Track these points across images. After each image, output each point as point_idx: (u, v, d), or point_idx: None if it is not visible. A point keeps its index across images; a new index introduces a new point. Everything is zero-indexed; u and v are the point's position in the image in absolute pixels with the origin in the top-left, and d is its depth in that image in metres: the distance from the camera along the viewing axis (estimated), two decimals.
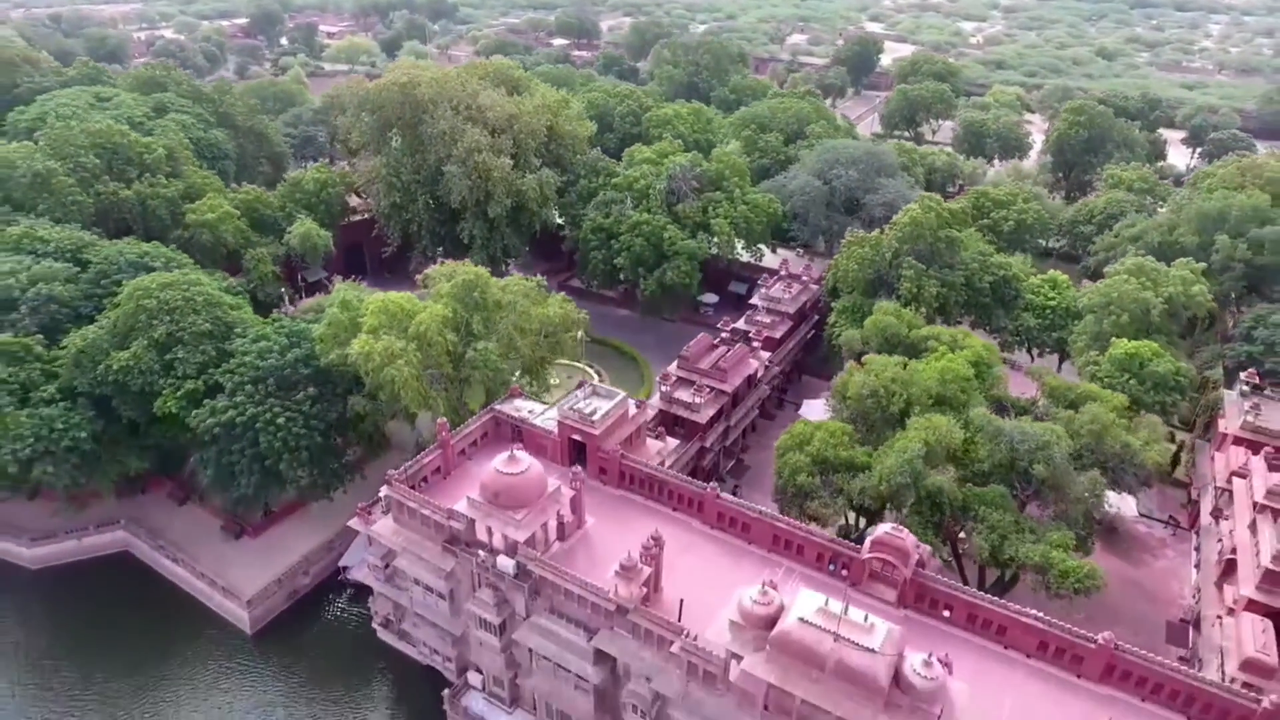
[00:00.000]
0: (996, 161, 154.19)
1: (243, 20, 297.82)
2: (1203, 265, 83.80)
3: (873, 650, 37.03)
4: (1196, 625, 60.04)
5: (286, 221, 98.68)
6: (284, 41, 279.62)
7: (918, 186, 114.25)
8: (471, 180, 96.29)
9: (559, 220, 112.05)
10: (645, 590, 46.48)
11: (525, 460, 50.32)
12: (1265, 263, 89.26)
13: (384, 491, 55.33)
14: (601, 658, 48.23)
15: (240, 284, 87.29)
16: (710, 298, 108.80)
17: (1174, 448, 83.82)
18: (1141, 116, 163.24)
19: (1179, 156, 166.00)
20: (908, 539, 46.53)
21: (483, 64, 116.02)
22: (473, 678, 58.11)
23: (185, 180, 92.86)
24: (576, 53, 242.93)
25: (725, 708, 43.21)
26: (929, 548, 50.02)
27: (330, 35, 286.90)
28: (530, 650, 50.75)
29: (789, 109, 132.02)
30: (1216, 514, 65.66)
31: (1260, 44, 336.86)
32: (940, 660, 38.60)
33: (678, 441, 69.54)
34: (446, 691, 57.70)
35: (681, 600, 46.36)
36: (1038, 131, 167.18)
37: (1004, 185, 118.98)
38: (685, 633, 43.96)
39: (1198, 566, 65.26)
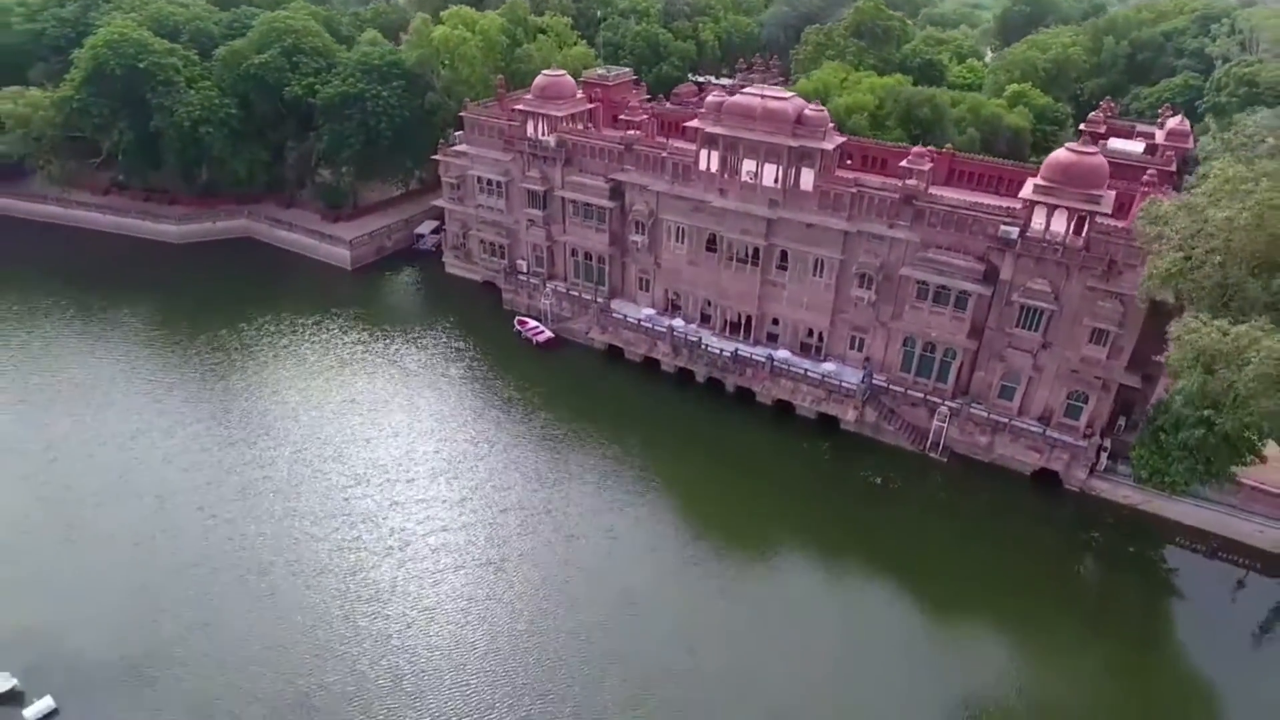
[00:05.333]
0: None
1: None
2: (1084, 33, 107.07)
3: (785, 99, 59.88)
4: None
5: (355, 34, 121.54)
6: None
7: None
8: None
9: None
10: (643, 134, 69.38)
11: (563, 71, 73.28)
12: (1142, 59, 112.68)
13: (462, 114, 78.34)
14: (615, 192, 70.96)
15: None
16: None
17: None
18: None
19: None
20: (821, 108, 69.09)
21: None
22: (519, 265, 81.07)
23: None
24: None
25: (696, 191, 65.92)
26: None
27: None
28: (564, 201, 73.49)
29: None
30: None
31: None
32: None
33: None
34: (502, 269, 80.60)
35: (668, 136, 69.45)
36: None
37: None
38: (669, 145, 66.87)
39: None
